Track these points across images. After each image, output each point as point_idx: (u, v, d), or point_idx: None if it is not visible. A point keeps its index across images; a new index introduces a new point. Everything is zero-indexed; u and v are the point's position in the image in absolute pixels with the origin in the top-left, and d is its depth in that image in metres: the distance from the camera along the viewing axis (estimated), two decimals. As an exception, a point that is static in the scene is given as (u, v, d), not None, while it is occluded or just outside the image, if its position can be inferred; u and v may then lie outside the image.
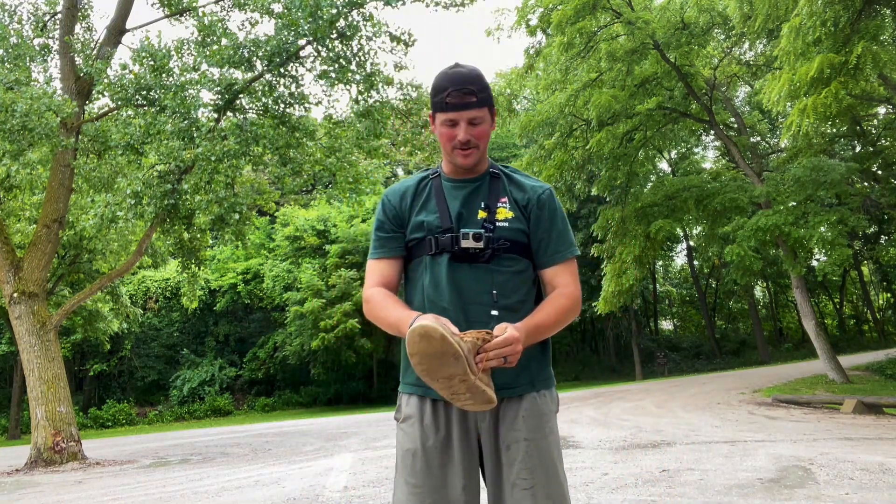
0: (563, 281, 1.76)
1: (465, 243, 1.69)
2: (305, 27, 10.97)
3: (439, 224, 1.75)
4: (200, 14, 11.94)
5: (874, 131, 18.71)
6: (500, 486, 1.66)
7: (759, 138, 26.82)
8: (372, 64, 12.02)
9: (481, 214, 1.75)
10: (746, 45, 18.11)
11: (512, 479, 1.63)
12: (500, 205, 1.77)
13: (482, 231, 1.71)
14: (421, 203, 1.81)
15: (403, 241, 1.81)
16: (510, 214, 1.76)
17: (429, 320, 1.43)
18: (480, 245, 1.70)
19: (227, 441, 14.32)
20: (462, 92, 1.69)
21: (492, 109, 1.78)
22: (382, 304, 1.71)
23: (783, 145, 21.27)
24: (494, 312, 1.68)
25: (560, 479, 1.67)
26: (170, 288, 32.89)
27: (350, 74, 11.83)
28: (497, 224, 1.74)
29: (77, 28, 14.04)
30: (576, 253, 1.82)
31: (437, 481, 1.65)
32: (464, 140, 1.72)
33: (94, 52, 12.71)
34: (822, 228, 12.89)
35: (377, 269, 1.81)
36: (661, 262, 40.36)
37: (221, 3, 13.81)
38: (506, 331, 1.51)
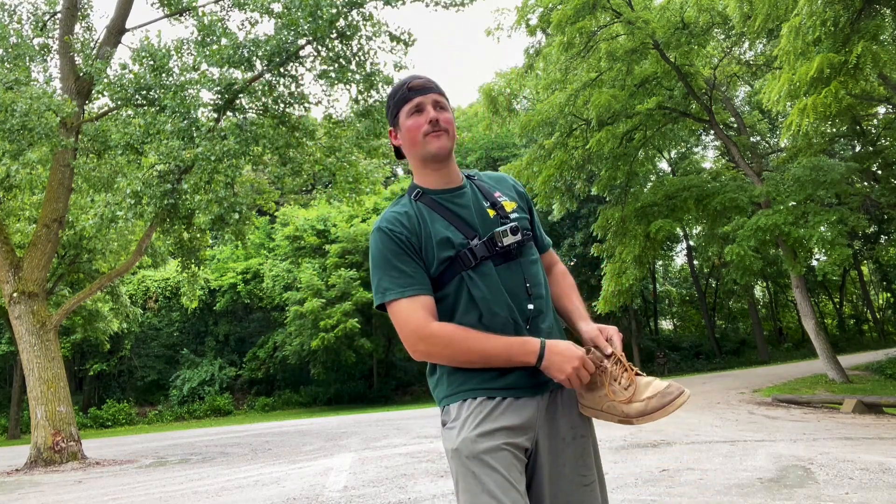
0: (556, 258, 1.90)
1: (506, 240, 1.61)
2: (305, 27, 10.97)
3: (463, 237, 1.61)
4: (200, 14, 11.94)
5: (874, 131, 18.70)
6: (559, 482, 1.57)
7: (759, 138, 26.80)
8: (372, 64, 12.03)
9: (491, 213, 1.67)
10: (746, 45, 18.08)
11: (572, 474, 1.58)
12: (500, 199, 1.72)
13: (516, 223, 1.64)
14: (429, 223, 1.64)
15: (427, 276, 1.60)
16: (514, 205, 1.72)
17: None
18: (519, 237, 1.63)
19: (227, 441, 14.32)
20: (422, 80, 1.70)
21: (450, 108, 1.72)
22: (468, 336, 1.53)
23: (783, 145, 21.27)
24: (531, 306, 1.62)
25: (603, 474, 1.68)
26: (170, 288, 32.87)
27: (350, 74, 11.83)
28: (511, 217, 1.68)
29: (77, 28, 14.04)
30: None
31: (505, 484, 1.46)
32: (433, 117, 1.63)
33: (94, 51, 12.70)
34: (822, 228, 12.89)
35: (421, 305, 1.57)
36: (660, 262, 40.29)
37: (221, 2, 13.81)
38: (606, 332, 1.63)
